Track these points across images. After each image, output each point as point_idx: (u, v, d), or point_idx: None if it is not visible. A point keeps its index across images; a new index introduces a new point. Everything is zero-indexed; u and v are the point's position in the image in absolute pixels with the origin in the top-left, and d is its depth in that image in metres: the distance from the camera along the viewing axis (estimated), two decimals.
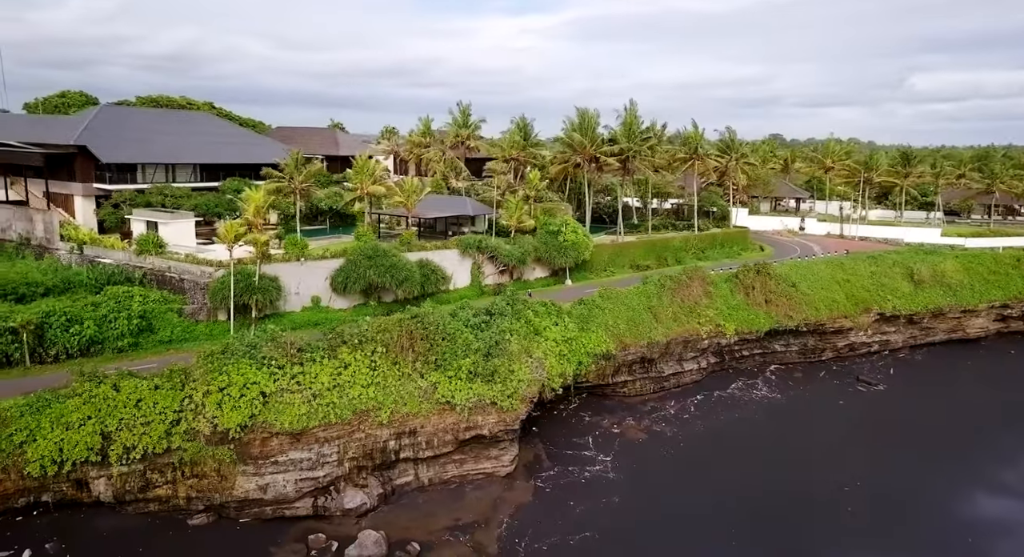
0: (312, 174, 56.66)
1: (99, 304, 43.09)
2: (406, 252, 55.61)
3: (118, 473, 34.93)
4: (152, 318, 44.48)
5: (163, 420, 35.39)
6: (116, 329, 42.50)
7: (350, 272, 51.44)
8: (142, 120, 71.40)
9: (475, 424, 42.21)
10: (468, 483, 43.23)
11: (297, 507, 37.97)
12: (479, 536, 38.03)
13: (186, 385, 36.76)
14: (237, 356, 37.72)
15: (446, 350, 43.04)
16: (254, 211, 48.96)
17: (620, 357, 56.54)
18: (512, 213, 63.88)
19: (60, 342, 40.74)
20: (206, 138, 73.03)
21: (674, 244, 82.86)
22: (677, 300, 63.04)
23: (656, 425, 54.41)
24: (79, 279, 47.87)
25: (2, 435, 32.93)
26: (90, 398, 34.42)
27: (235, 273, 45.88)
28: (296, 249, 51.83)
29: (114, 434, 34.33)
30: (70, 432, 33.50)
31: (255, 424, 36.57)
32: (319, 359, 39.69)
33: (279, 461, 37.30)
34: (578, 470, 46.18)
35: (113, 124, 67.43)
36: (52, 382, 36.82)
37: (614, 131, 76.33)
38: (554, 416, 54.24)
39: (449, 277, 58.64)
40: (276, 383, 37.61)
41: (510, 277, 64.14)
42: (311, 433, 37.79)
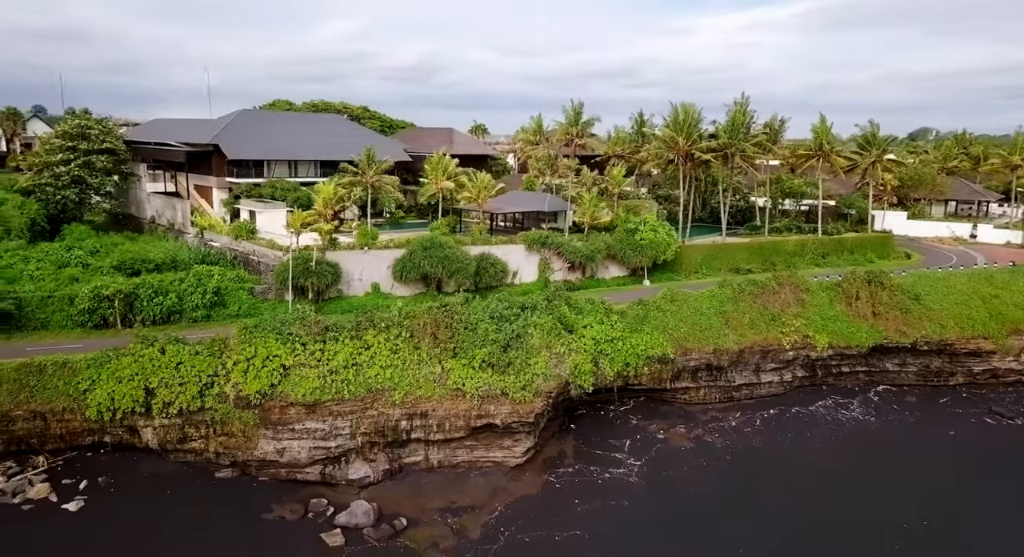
0: (381, 170, 60.38)
1: (183, 279, 49.85)
2: (468, 246, 57.57)
3: (160, 425, 40.54)
4: (225, 294, 50.56)
5: (197, 382, 40.44)
6: (193, 302, 48.93)
7: (407, 262, 54.45)
8: (274, 122, 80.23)
9: (487, 413, 43.12)
10: (476, 469, 44.26)
11: (307, 472, 41.44)
12: (466, 520, 39.00)
13: (223, 353, 41.59)
14: (266, 331, 41.95)
15: (465, 339, 44.39)
16: (323, 203, 53.64)
17: (680, 362, 54.15)
18: (585, 209, 63.37)
19: (146, 310, 47.81)
20: (328, 138, 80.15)
21: (786, 248, 76.91)
22: (758, 306, 58.90)
23: (709, 435, 51.51)
24: (183, 258, 55.48)
25: (71, 382, 39.69)
26: (139, 358, 40.29)
27: (297, 258, 50.62)
28: (365, 239, 55.82)
29: (156, 390, 39.88)
30: (120, 385, 39.51)
31: (275, 393, 40.48)
32: (342, 339, 42.84)
33: (295, 429, 40.94)
34: (599, 471, 45.30)
35: (247, 125, 76.55)
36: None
37: (718, 127, 72.54)
38: (599, 416, 53.34)
39: (511, 271, 59.71)
40: (296, 357, 41.30)
41: (582, 274, 63.74)
42: (325, 406, 41.01)
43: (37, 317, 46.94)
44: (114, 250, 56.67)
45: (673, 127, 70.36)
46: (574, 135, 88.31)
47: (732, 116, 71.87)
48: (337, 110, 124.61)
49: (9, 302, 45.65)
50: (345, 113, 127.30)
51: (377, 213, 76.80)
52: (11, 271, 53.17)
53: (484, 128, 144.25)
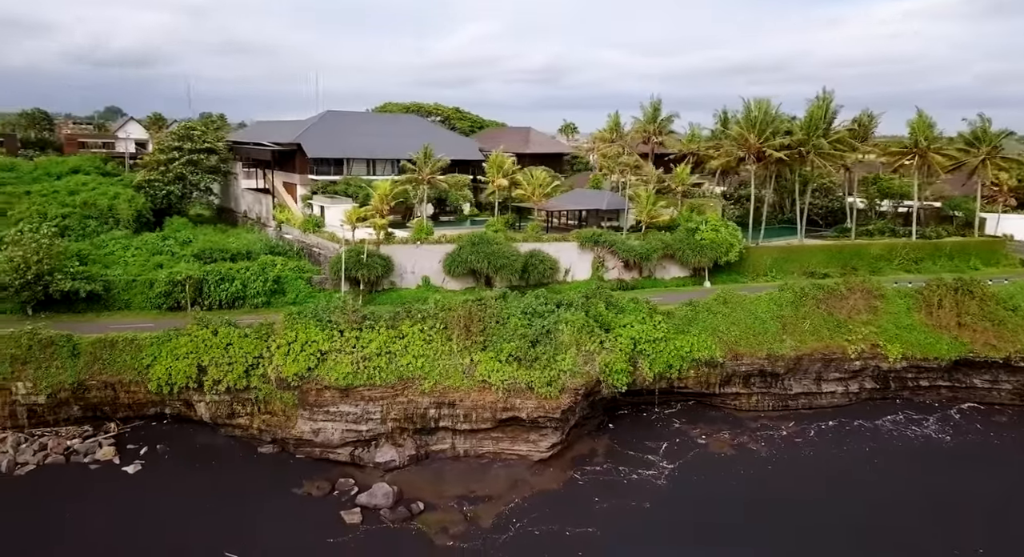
0: (436, 168, 62.14)
1: (247, 268, 53.84)
2: (518, 242, 58.33)
3: (211, 400, 44.21)
4: (284, 283, 54.12)
5: (244, 362, 43.76)
6: (255, 289, 52.75)
7: (455, 257, 55.96)
8: (355, 122, 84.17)
9: (513, 406, 43.76)
10: (499, 461, 44.99)
11: (339, 453, 43.75)
12: (481, 509, 39.87)
13: (269, 337, 44.72)
14: (308, 317, 44.67)
15: (495, 333, 45.24)
16: (379, 199, 56.18)
17: (730, 366, 52.46)
18: (643, 208, 62.40)
19: (213, 295, 52.05)
20: (404, 138, 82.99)
21: (871, 251, 72.09)
22: (821, 311, 55.90)
23: (754, 443, 49.57)
24: (256, 249, 59.84)
25: (137, 357, 44.07)
26: (194, 338, 44.10)
27: (351, 251, 53.36)
28: (419, 234, 57.91)
29: (207, 368, 43.52)
30: (177, 361, 43.44)
31: (311, 376, 43.06)
32: (378, 328, 44.87)
33: (330, 411, 43.36)
34: (627, 471, 44.81)
35: (330, 126, 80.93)
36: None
37: (792, 123, 69.16)
38: (640, 417, 52.58)
39: (563, 269, 59.88)
40: (333, 343, 43.71)
41: (638, 274, 62.82)
42: (357, 391, 43.17)
43: (122, 298, 52.29)
44: (200, 240, 61.90)
45: (745, 124, 67.77)
46: (651, 133, 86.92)
47: (809, 112, 68.28)
48: (428, 112, 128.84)
49: (99, 284, 51.15)
50: (438, 115, 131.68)
51: (452, 210, 79.22)
52: (112, 257, 59.41)
53: (574, 127, 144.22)
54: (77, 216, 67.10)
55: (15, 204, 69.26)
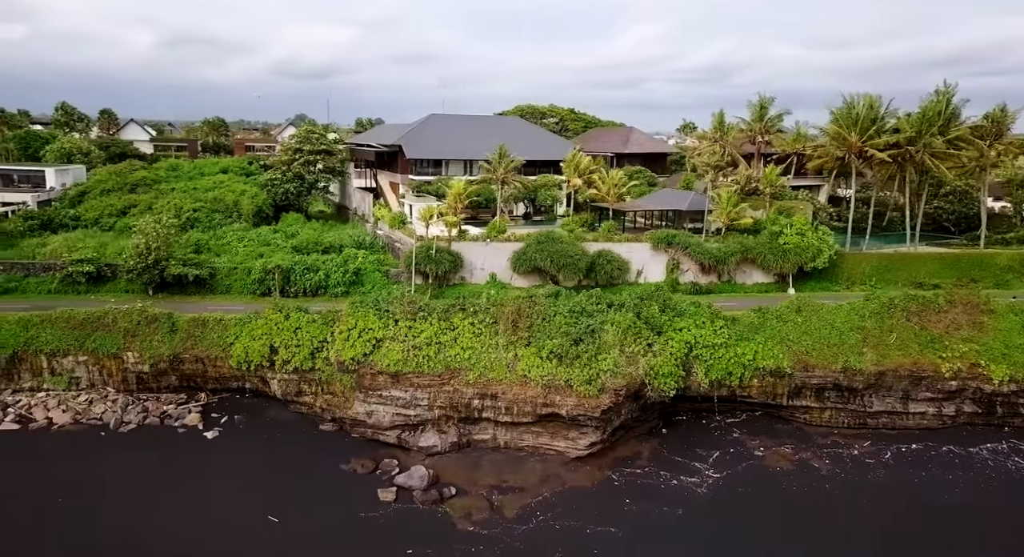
0: (510, 167, 63.39)
1: (331, 259, 58.38)
2: (587, 242, 58.56)
3: (281, 378, 48.67)
4: (363, 275, 58.09)
5: (310, 345, 47.77)
6: (335, 279, 57.11)
7: (521, 255, 57.22)
8: (457, 125, 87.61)
9: (552, 402, 44.44)
10: (537, 455, 45.73)
11: (387, 435, 46.54)
12: (509, 499, 40.98)
13: (334, 323, 48.48)
14: (368, 306, 47.92)
15: (540, 330, 46.11)
16: (453, 197, 58.72)
17: (799, 378, 49.83)
18: (723, 209, 60.27)
19: (299, 283, 56.96)
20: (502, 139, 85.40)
21: (997, 262, 64.81)
22: (912, 325, 51.53)
23: (817, 460, 46.77)
24: (347, 242, 64.56)
25: (223, 336, 49.41)
26: (268, 321, 48.73)
27: (423, 247, 56.30)
28: (491, 232, 59.84)
29: (278, 349, 47.96)
30: (253, 341, 48.23)
31: (367, 361, 46.21)
32: (430, 319, 47.25)
33: (382, 395, 46.28)
34: (668, 476, 44.05)
35: (433, 128, 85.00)
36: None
37: (901, 119, 63.63)
38: (698, 424, 51.18)
39: (635, 270, 59.30)
40: (387, 331, 46.61)
41: (717, 277, 60.80)
42: (407, 377, 45.77)
43: (224, 283, 58.61)
44: (301, 234, 67.72)
45: (845, 121, 63.39)
46: (757, 132, 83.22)
47: (923, 107, 62.50)
48: (543, 113, 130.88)
49: (205, 270, 57.75)
50: (553, 116, 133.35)
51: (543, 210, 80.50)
52: (227, 247, 66.49)
53: (693, 126, 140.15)
54: (206, 210, 75.58)
55: (160, 199, 79.12)
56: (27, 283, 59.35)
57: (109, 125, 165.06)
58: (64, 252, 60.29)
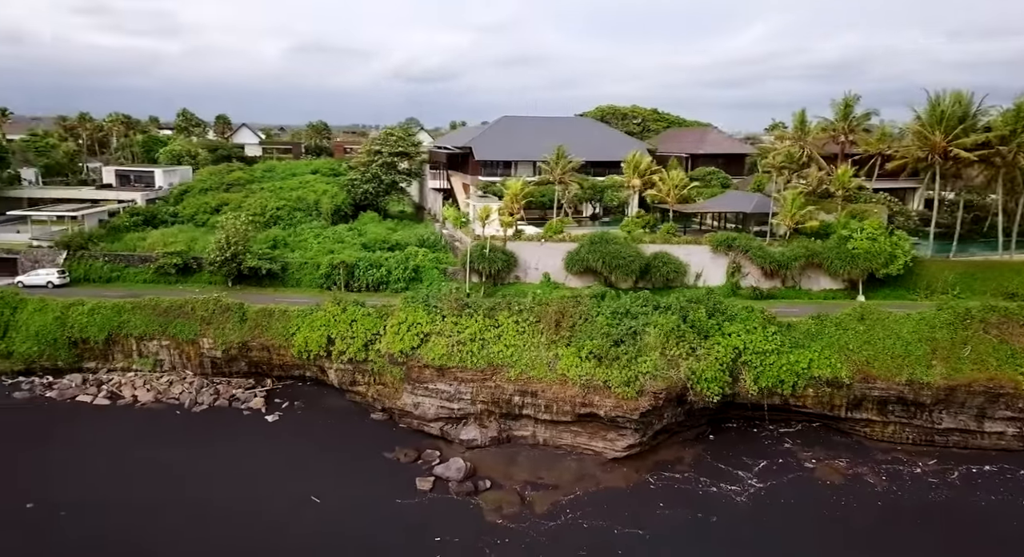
0: (567, 168, 63.48)
1: (393, 257, 60.81)
2: (644, 243, 58.10)
3: (338, 368, 51.29)
4: (422, 272, 60.18)
5: (364, 337, 50.11)
6: (396, 275, 59.49)
7: (574, 255, 57.51)
8: (529, 126, 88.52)
9: (591, 402, 44.61)
10: (574, 454, 45.93)
11: (432, 426, 48.10)
12: (541, 495, 41.52)
13: (387, 317, 50.63)
14: (418, 302, 49.73)
15: (582, 330, 46.35)
16: (510, 198, 59.79)
17: (859, 389, 47.61)
18: (787, 211, 58.14)
19: (362, 278, 59.75)
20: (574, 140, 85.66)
21: None
22: (990, 338, 48.08)
23: (873, 476, 44.54)
24: (411, 240, 67.00)
25: (286, 326, 52.60)
26: (327, 313, 51.45)
27: (478, 246, 57.70)
28: (548, 232, 60.49)
29: (335, 340, 50.59)
30: (312, 332, 51.10)
31: (414, 355, 48.01)
32: (476, 316, 48.48)
33: (428, 387, 47.95)
34: (708, 483, 43.24)
35: (503, 130, 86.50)
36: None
37: (996, 118, 59.14)
38: (748, 432, 49.80)
39: (694, 273, 58.30)
40: (433, 326, 48.22)
41: (781, 282, 58.76)
42: (451, 372, 47.21)
43: (295, 277, 62.28)
44: (370, 232, 70.84)
45: (928, 120, 59.67)
46: (841, 131, 79.43)
47: (1019, 103, 57.86)
48: (624, 114, 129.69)
49: (278, 265, 61.61)
50: (635, 116, 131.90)
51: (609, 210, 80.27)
52: (303, 243, 70.50)
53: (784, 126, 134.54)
54: (287, 208, 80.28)
55: (249, 198, 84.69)
56: (127, 273, 65.35)
57: (223, 129, 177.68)
58: (159, 246, 65.98)
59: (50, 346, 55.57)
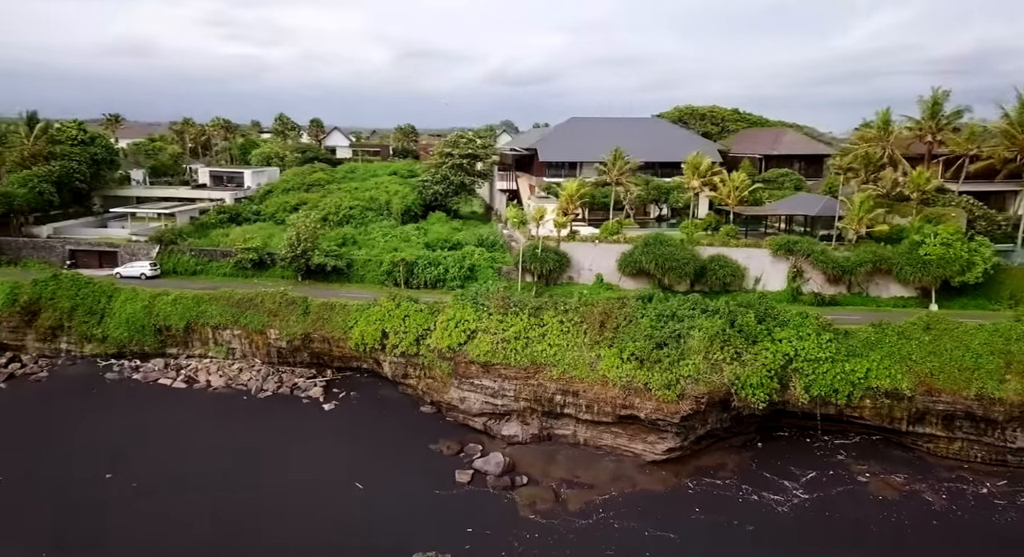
0: (624, 170, 62.92)
1: (451, 255, 62.46)
2: (700, 246, 57.14)
3: (391, 361, 53.28)
4: (477, 270, 61.50)
5: (415, 332, 51.85)
6: (452, 274, 61.08)
7: (628, 256, 57.25)
8: (596, 127, 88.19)
9: (632, 404, 44.51)
10: (613, 455, 45.83)
11: (476, 421, 49.20)
12: (575, 493, 41.84)
13: (437, 313, 52.20)
14: (467, 299, 51.01)
15: (625, 332, 46.25)
16: (566, 199, 60.20)
17: (921, 402, 45.26)
18: (853, 215, 55.67)
19: (421, 276, 61.74)
20: (641, 141, 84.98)
21: None
22: None
23: (931, 494, 42.27)
24: (468, 240, 68.59)
25: (346, 319, 55.09)
26: (382, 308, 53.53)
27: (531, 246, 58.43)
28: (604, 233, 60.51)
29: (389, 334, 52.60)
30: (368, 326, 53.29)
31: (461, 350, 49.31)
32: (521, 314, 49.25)
33: (474, 383, 49.12)
34: (750, 490, 42.29)
35: (570, 131, 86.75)
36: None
37: None
38: (800, 441, 48.23)
39: (751, 277, 56.87)
40: (480, 323, 49.35)
41: (846, 289, 56.39)
42: (495, 368, 48.20)
43: (359, 274, 65.01)
44: (432, 232, 72.95)
45: (1019, 118, 55.73)
46: (928, 131, 75.11)
47: None
48: (701, 114, 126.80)
49: (343, 261, 64.54)
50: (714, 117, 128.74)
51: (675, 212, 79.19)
52: (371, 241, 73.44)
53: None
54: (360, 208, 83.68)
55: (326, 198, 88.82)
56: (210, 266, 70.11)
57: (317, 132, 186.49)
58: (239, 242, 70.40)
59: (138, 332, 60.43)
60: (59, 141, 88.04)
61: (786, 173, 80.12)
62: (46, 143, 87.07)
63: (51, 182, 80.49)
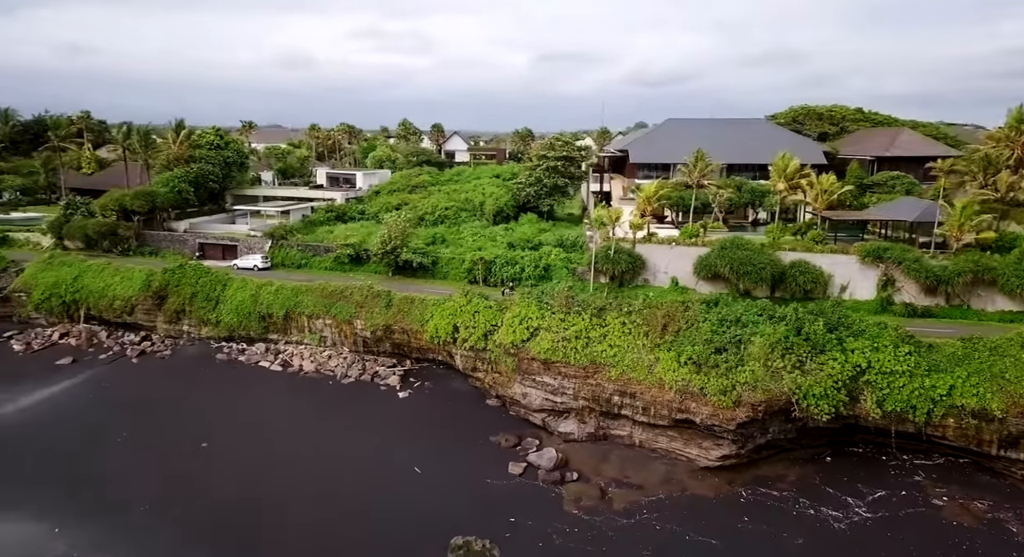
0: (705, 172, 61.26)
1: (527, 255, 63.98)
2: (783, 251, 55.14)
3: (462, 354, 55.52)
4: (552, 270, 62.54)
5: (484, 328, 53.76)
6: (528, 273, 62.54)
7: (704, 260, 56.17)
8: (693, 129, 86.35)
9: (687, 409, 44.07)
10: (667, 458, 45.38)
11: (535, 417, 50.32)
12: (623, 493, 42.04)
13: (505, 310, 53.87)
14: (533, 298, 52.30)
15: (685, 336, 45.75)
16: (643, 200, 60.06)
17: (1014, 424, 41.65)
18: (954, 220, 51.57)
19: (498, 274, 63.67)
20: (741, 143, 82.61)
21: None
22: None
23: (1016, 524, 39.02)
24: (547, 240, 69.81)
25: (423, 313, 57.99)
26: (455, 304, 55.88)
27: (602, 247, 58.77)
28: (684, 235, 59.76)
29: (460, 328, 54.87)
30: (442, 320, 55.82)
31: (523, 347, 50.70)
32: (584, 314, 49.88)
33: (535, 380, 50.34)
34: (807, 504, 40.74)
35: (666, 133, 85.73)
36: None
37: None
38: (874, 459, 45.63)
39: (837, 284, 54.21)
40: (542, 321, 50.47)
41: (945, 300, 52.40)
42: (555, 366, 49.18)
43: (443, 270, 67.96)
44: (517, 232, 74.76)
45: None
46: None
47: None
48: (819, 114, 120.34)
49: (428, 259, 67.77)
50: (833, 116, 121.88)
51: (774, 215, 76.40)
52: (460, 240, 76.43)
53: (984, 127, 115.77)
54: (454, 209, 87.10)
55: (426, 199, 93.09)
56: (313, 260, 75.77)
57: (437, 137, 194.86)
58: (340, 239, 75.61)
59: (246, 318, 66.54)
60: (199, 146, 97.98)
61: (897, 176, 75.09)
62: (188, 147, 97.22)
63: (189, 182, 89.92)
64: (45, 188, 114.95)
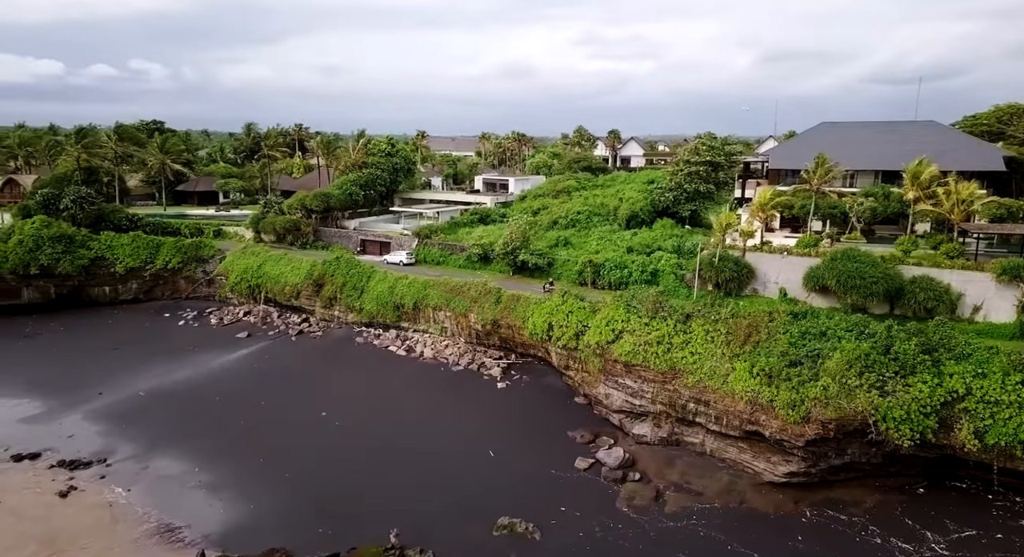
0: (827, 177, 56.94)
1: (636, 259, 64.60)
2: (906, 265, 50.90)
3: (556, 352, 57.87)
4: (659, 275, 62.57)
5: (575, 328, 55.69)
6: (635, 276, 63.20)
7: (813, 271, 53.28)
8: (851, 133, 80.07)
9: (757, 421, 42.98)
10: (733, 469, 44.29)
11: (614, 417, 51.27)
12: (677, 497, 42.19)
13: (596, 312, 55.40)
14: (622, 301, 53.33)
15: (762, 348, 44.46)
16: (757, 206, 58.34)
17: None
18: None
19: (606, 277, 64.99)
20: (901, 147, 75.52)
21: None
22: None
23: None
24: (664, 245, 69.61)
25: (525, 310, 61.11)
26: (551, 303, 58.33)
27: (708, 254, 57.90)
28: (801, 245, 57.17)
29: (553, 326, 57.29)
30: (539, 318, 58.53)
31: (608, 348, 52.01)
32: (668, 320, 50.07)
33: (618, 381, 51.43)
34: (877, 533, 38.35)
35: (817, 138, 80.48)
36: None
37: None
38: (976, 496, 41.48)
39: (966, 303, 49.04)
40: (627, 325, 51.37)
41: None
42: (636, 369, 49.95)
43: (557, 272, 70.56)
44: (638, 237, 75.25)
45: None
46: None
47: None
48: None
49: (545, 260, 70.81)
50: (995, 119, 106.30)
51: None
52: (585, 243, 78.43)
53: None
54: (586, 213, 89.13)
55: (564, 204, 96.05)
56: (450, 258, 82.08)
57: (614, 143, 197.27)
58: (475, 239, 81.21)
59: (383, 307, 74.20)
60: (372, 153, 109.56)
61: None
62: (363, 154, 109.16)
63: (359, 186, 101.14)
64: (260, 189, 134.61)
